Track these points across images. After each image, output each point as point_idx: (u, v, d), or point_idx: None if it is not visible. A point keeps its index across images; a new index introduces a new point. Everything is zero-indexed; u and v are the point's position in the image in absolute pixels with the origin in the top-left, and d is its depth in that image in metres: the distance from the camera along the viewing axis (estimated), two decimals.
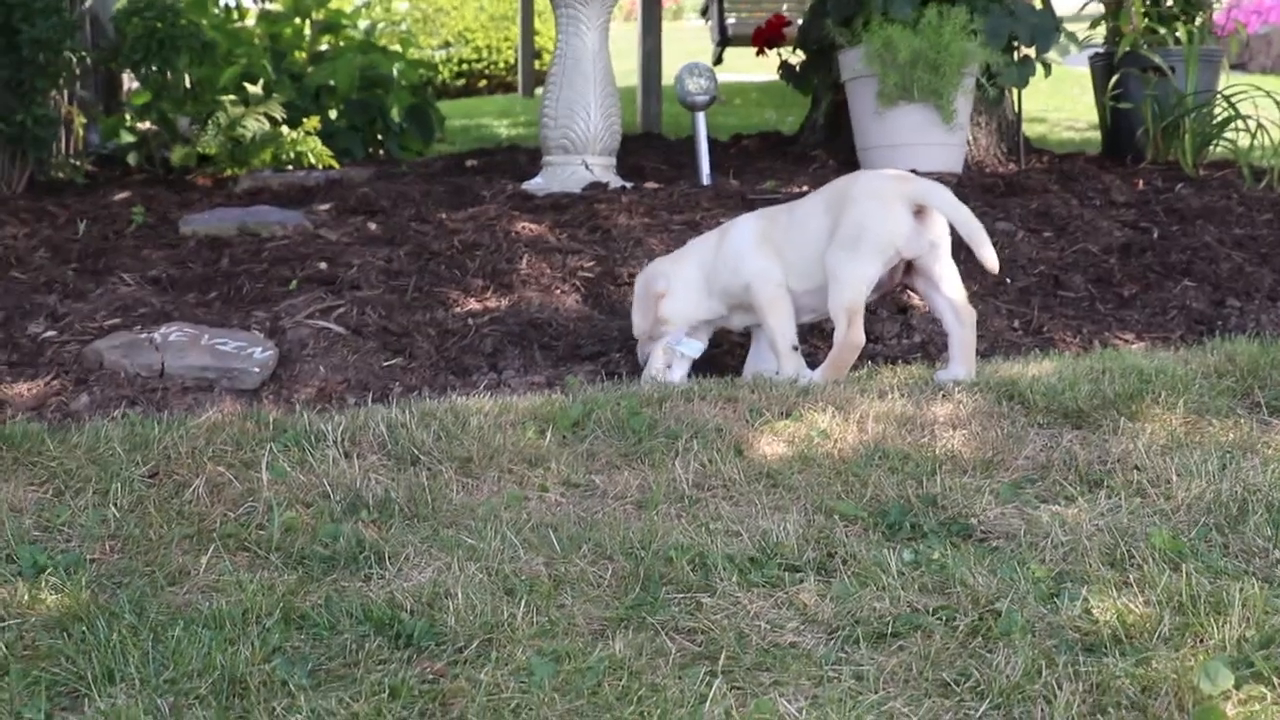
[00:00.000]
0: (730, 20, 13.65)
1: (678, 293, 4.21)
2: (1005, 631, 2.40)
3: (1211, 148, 7.25)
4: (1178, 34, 7.56)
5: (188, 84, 8.35)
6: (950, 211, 3.92)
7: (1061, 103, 14.25)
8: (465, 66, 19.67)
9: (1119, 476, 3.16)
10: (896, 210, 3.90)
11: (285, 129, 8.07)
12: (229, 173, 7.77)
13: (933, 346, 4.44)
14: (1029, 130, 10.33)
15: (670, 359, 4.20)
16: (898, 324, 4.59)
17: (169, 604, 2.57)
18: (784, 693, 2.23)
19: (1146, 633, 2.37)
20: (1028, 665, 2.26)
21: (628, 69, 13.54)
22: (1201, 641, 2.33)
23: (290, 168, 7.90)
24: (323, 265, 5.06)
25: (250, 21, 10.24)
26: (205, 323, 4.41)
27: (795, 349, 4.09)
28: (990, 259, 3.92)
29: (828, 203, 4.05)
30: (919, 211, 3.92)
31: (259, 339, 4.26)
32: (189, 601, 2.58)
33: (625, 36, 17.71)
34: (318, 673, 2.31)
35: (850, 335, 3.92)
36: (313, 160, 7.97)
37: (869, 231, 3.90)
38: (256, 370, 4.08)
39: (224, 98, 8.09)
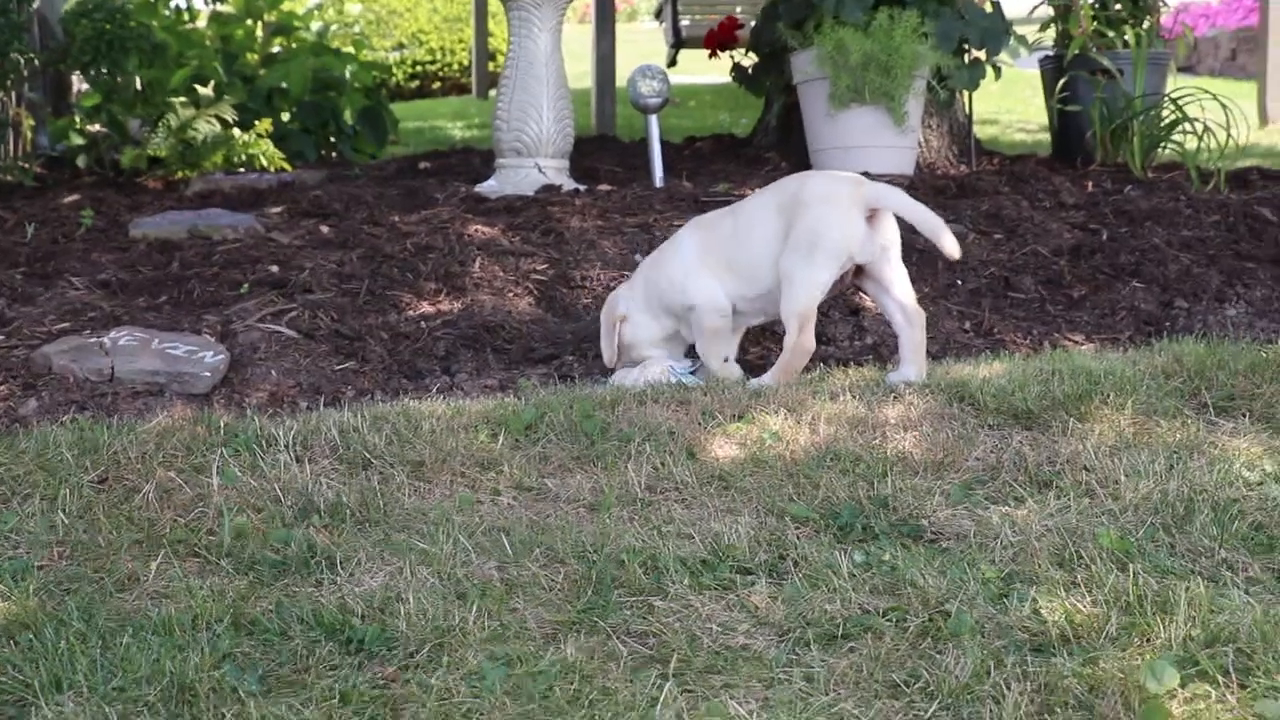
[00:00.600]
0: (684, 22, 13.67)
1: (634, 317, 4.22)
2: (955, 632, 2.41)
3: (1160, 150, 7.31)
4: (1126, 37, 7.63)
5: (138, 86, 8.30)
6: (906, 211, 3.94)
7: (1013, 105, 14.34)
8: (419, 68, 19.63)
9: (1068, 477, 3.18)
10: (852, 216, 3.91)
11: (237, 131, 8.03)
12: (180, 175, 7.73)
13: (885, 348, 4.45)
14: (981, 132, 10.39)
15: (666, 380, 4.16)
16: (850, 326, 4.60)
17: (118, 610, 2.55)
18: (735, 695, 2.24)
19: (1094, 632, 2.39)
20: (977, 666, 2.28)
21: (582, 71, 13.54)
22: (1148, 640, 2.35)
23: (242, 170, 7.86)
24: (274, 268, 5.04)
25: (202, 23, 10.19)
26: (155, 326, 4.39)
27: (726, 360, 4.14)
28: (951, 246, 3.95)
29: (778, 205, 4.04)
30: (870, 215, 3.93)
31: (210, 343, 4.23)
32: (138, 608, 2.57)
33: (580, 39, 17.71)
34: (268, 679, 2.30)
35: (801, 340, 3.93)
36: (265, 163, 7.94)
37: (824, 238, 3.90)
38: (207, 374, 4.06)
39: (174, 100, 8.04)
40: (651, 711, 2.17)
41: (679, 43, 13.52)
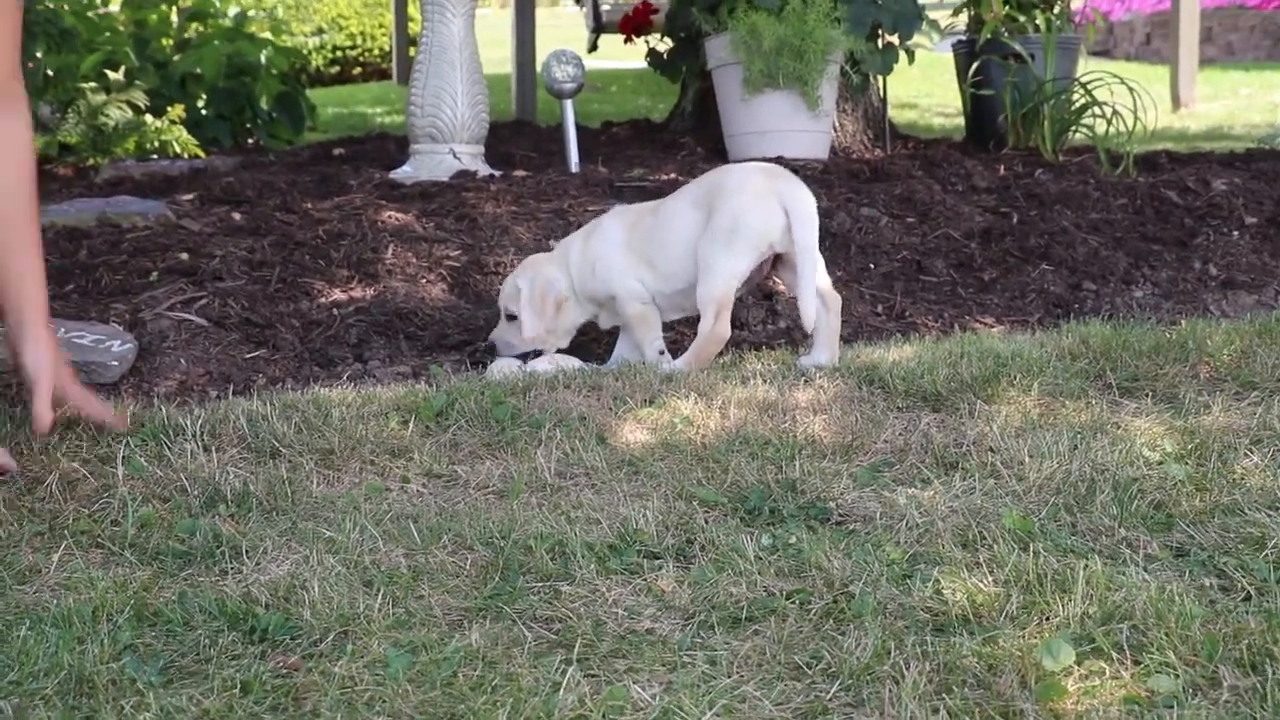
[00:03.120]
0: (605, 7, 13.68)
1: (566, 301, 4.19)
2: (857, 614, 2.43)
3: (1070, 134, 7.40)
4: (1037, 22, 7.71)
5: (48, 72, 8.19)
6: (803, 239, 3.90)
7: (933, 88, 14.45)
8: (339, 53, 19.50)
9: (974, 458, 3.21)
10: (772, 206, 3.91)
11: (149, 118, 7.95)
12: (91, 162, 7.63)
13: (797, 332, 4.47)
14: (900, 116, 10.47)
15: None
16: (763, 310, 4.62)
17: (17, 603, 2.52)
18: (638, 679, 2.25)
19: (994, 612, 2.42)
20: (878, 646, 2.29)
21: (505, 56, 13.50)
22: (1047, 619, 2.38)
23: (154, 157, 7.78)
24: (184, 256, 4.99)
25: (115, 8, 10.06)
26: (62, 315, 4.33)
27: (662, 353, 4.12)
28: (808, 312, 3.88)
29: (695, 199, 4.04)
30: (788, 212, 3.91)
31: (118, 331, 4.19)
32: (38, 600, 2.54)
33: (503, 23, 17.65)
34: (169, 670, 2.28)
35: (716, 328, 3.92)
36: (177, 149, 7.86)
37: (744, 225, 3.90)
38: (115, 363, 4.01)
39: (85, 85, 7.94)
40: (554, 697, 2.17)
41: (600, 27, 13.51)
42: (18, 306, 3.22)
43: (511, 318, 4.19)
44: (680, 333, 4.49)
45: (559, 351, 4.24)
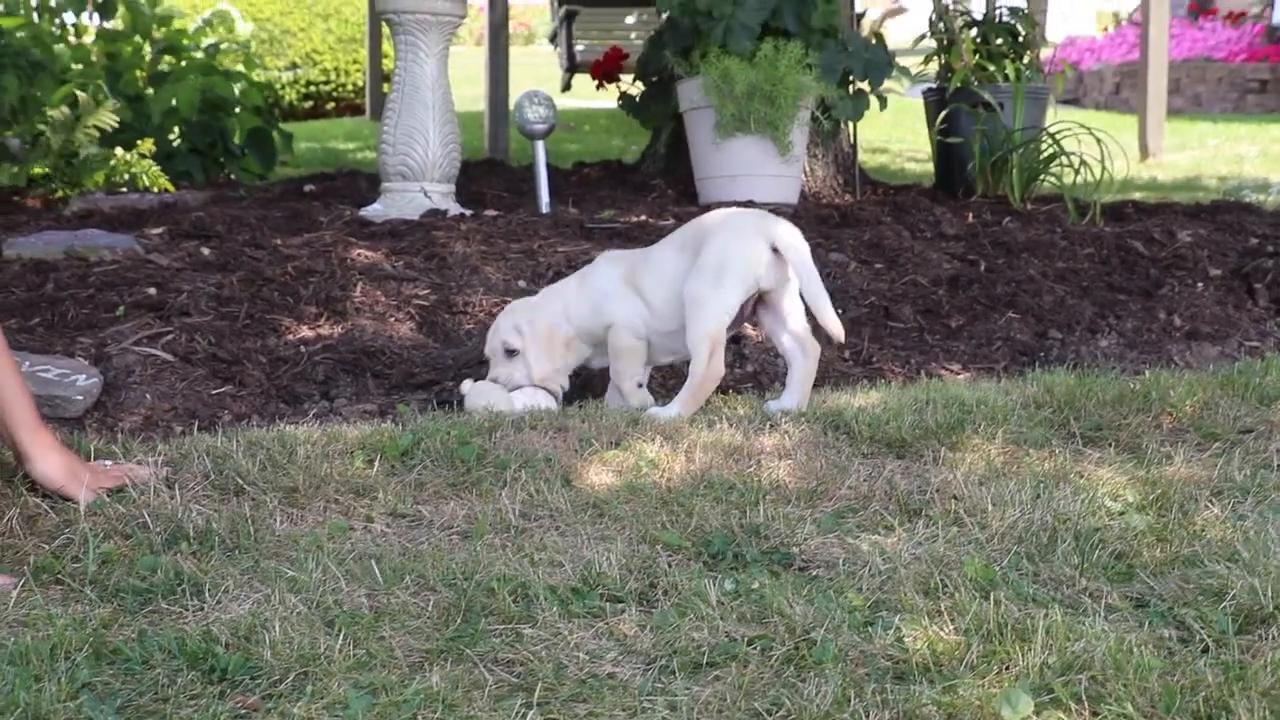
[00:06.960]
0: (579, 48, 13.74)
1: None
2: (819, 660, 2.44)
3: (1039, 182, 7.45)
4: (1006, 71, 7.77)
5: (19, 103, 8.17)
6: (800, 265, 3.93)
7: (904, 134, 14.54)
8: (313, 88, 19.51)
9: (937, 506, 3.22)
10: (758, 242, 3.93)
11: (120, 150, 7.93)
12: (60, 194, 7.61)
13: (765, 376, 4.49)
14: (871, 160, 10.53)
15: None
16: (730, 353, 4.63)
17: None
18: None
19: (955, 660, 2.42)
20: (838, 694, 2.30)
21: (478, 94, 13.54)
22: (1007, 669, 2.39)
23: (124, 190, 7.76)
24: (152, 291, 4.97)
25: (89, 39, 10.06)
26: (27, 349, 4.31)
27: (640, 386, 4.13)
28: (834, 326, 3.96)
29: (682, 243, 4.06)
30: (776, 248, 3.94)
31: (83, 366, 4.17)
32: None
33: (476, 61, 17.69)
34: (126, 709, 2.27)
35: (712, 365, 3.92)
36: (147, 183, 7.84)
37: (732, 261, 3.91)
38: (80, 398, 4.00)
39: (53, 113, 7.91)
40: None
41: (573, 67, 13.58)
42: (10, 432, 3.22)
43: (511, 353, 4.17)
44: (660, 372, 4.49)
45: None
